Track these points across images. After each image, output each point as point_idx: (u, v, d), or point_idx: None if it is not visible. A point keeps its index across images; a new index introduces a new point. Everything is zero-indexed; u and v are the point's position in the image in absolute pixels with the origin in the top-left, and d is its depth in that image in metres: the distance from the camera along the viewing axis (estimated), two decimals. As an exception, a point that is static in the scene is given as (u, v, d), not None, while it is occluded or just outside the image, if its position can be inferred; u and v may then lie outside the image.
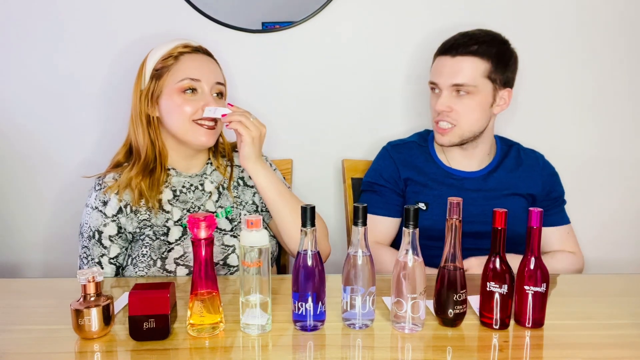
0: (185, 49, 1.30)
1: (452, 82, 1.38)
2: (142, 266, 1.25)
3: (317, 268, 0.94)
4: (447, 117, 1.41)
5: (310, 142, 1.78)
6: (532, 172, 1.51)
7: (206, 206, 1.34)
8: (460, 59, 1.38)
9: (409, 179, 1.50)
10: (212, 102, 1.28)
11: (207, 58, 1.34)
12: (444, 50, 1.42)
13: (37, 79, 1.69)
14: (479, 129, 1.43)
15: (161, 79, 1.29)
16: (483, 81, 1.39)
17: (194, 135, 1.28)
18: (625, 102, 1.78)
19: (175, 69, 1.28)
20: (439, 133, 1.44)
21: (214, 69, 1.33)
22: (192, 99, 1.27)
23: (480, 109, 1.41)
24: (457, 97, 1.40)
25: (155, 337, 0.93)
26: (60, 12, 1.66)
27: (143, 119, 1.31)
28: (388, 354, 0.91)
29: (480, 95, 1.39)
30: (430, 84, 1.45)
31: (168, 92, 1.28)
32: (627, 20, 1.73)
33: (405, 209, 0.93)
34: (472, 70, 1.37)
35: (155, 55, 1.31)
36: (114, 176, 1.31)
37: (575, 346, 0.93)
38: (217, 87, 1.31)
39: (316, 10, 1.68)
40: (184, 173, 1.35)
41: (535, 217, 0.95)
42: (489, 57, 1.38)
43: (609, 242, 1.84)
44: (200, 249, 0.93)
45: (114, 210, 1.27)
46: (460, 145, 1.46)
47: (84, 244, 1.29)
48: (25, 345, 0.92)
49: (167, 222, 1.29)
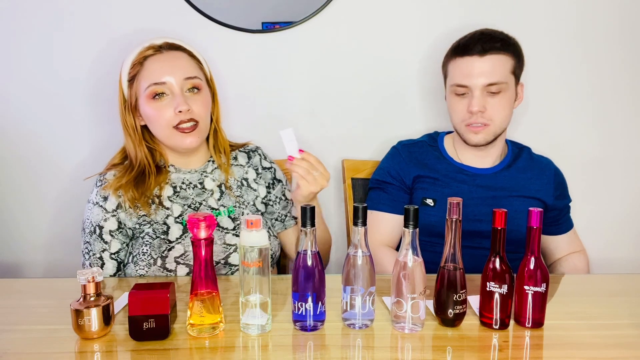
0: (149, 52, 1.27)
1: (487, 81, 1.36)
2: (143, 265, 1.25)
3: (316, 268, 0.94)
4: (481, 118, 1.38)
5: (310, 142, 1.78)
6: (543, 176, 1.51)
7: (208, 203, 1.34)
8: (490, 58, 1.36)
9: (419, 177, 1.50)
10: (183, 102, 1.24)
11: (173, 54, 1.29)
12: (466, 50, 1.39)
13: (36, 80, 1.69)
14: (507, 126, 1.44)
15: (133, 88, 1.28)
16: (511, 77, 1.40)
17: (177, 141, 1.28)
18: (626, 102, 1.78)
19: (142, 76, 1.27)
20: (473, 132, 1.41)
21: (182, 64, 1.28)
22: (163, 103, 1.25)
23: (510, 105, 1.41)
24: (490, 97, 1.38)
25: (155, 337, 0.93)
26: (61, 12, 1.65)
27: (129, 130, 1.30)
28: (388, 354, 0.91)
29: (509, 91, 1.40)
30: (458, 86, 1.40)
31: (141, 101, 1.28)
32: (628, 20, 1.73)
33: (405, 208, 0.93)
34: (502, 67, 1.37)
35: (127, 62, 1.30)
36: (114, 173, 1.31)
37: (575, 346, 0.93)
38: (188, 83, 1.27)
39: (316, 10, 1.68)
40: (183, 169, 1.35)
41: (535, 217, 0.95)
42: (511, 53, 1.39)
43: (609, 242, 1.84)
44: (200, 249, 0.93)
45: (114, 205, 1.27)
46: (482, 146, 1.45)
47: (86, 239, 1.30)
48: (26, 345, 0.92)
49: (167, 218, 1.28)
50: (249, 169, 1.43)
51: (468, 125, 1.41)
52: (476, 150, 1.48)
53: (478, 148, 1.46)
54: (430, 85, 1.73)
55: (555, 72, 1.75)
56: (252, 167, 1.44)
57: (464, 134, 1.44)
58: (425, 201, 1.47)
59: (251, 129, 1.70)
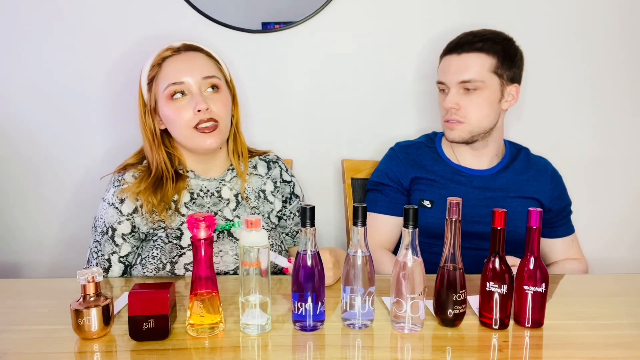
0: (167, 53, 1.27)
1: (459, 79, 1.40)
2: (151, 268, 1.24)
3: (316, 268, 0.94)
4: (455, 115, 1.42)
5: (310, 142, 1.78)
6: (541, 177, 1.52)
7: (223, 213, 1.33)
8: (466, 56, 1.40)
9: (416, 178, 1.50)
10: (201, 101, 1.23)
11: (191, 54, 1.29)
12: (449, 50, 1.44)
13: (40, 81, 1.69)
14: (489, 125, 1.44)
15: (152, 90, 1.28)
16: (490, 76, 1.40)
17: (197, 142, 1.26)
18: (626, 102, 1.78)
19: (160, 77, 1.26)
20: (449, 128, 1.44)
21: (200, 64, 1.28)
22: (182, 104, 1.24)
23: (488, 104, 1.42)
24: (465, 94, 1.41)
25: (155, 337, 0.93)
26: (66, 16, 1.65)
27: (149, 134, 1.29)
28: (388, 354, 0.91)
29: (488, 90, 1.41)
30: (438, 83, 1.47)
31: (161, 102, 1.27)
32: (628, 20, 1.73)
33: (405, 209, 0.93)
34: (478, 66, 1.39)
35: (146, 66, 1.30)
36: (133, 174, 1.29)
37: (575, 346, 0.93)
38: (207, 82, 1.26)
39: (316, 10, 1.68)
40: (202, 176, 1.34)
41: (534, 217, 0.95)
42: (494, 52, 1.40)
43: (609, 242, 1.84)
44: (200, 249, 0.93)
45: (130, 209, 1.26)
46: (471, 144, 1.46)
47: (96, 239, 1.28)
48: (26, 345, 0.92)
49: (181, 225, 1.27)
50: (268, 181, 1.42)
51: (446, 121, 1.44)
52: (471, 149, 1.48)
53: (471, 146, 1.47)
54: (429, 85, 1.72)
55: (555, 72, 1.76)
56: (271, 179, 1.43)
57: (444, 130, 1.48)
58: (423, 202, 1.47)
59: (251, 129, 1.70)
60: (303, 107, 1.76)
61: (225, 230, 1.30)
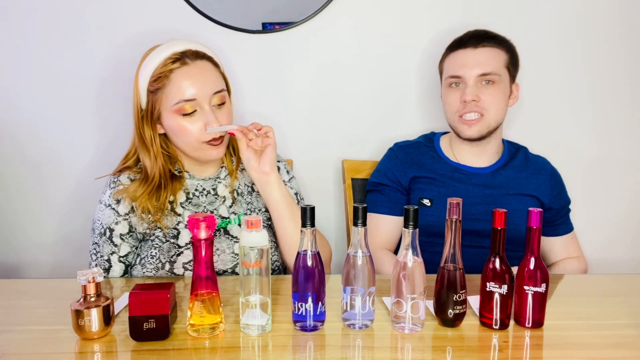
0: (175, 65, 1.22)
1: (480, 71, 1.39)
2: (151, 267, 1.24)
3: (316, 268, 0.95)
4: (475, 107, 1.41)
5: (311, 142, 1.78)
6: (540, 175, 1.52)
7: (219, 211, 1.33)
8: (483, 50, 1.41)
9: (416, 177, 1.50)
10: (213, 120, 1.22)
11: (200, 65, 1.24)
12: (460, 44, 1.44)
13: (41, 79, 1.69)
14: (502, 120, 1.45)
15: (157, 101, 1.24)
16: (504, 71, 1.42)
17: (203, 153, 1.27)
18: (625, 102, 1.78)
19: (169, 90, 1.22)
20: (466, 125, 1.42)
21: (210, 77, 1.25)
22: (192, 119, 1.23)
23: (503, 98, 1.43)
24: (484, 87, 1.41)
25: (156, 338, 0.93)
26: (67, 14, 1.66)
27: (146, 143, 1.27)
28: (388, 354, 0.91)
29: (503, 84, 1.42)
30: (452, 78, 1.44)
31: (166, 114, 1.24)
32: (628, 20, 1.73)
33: (405, 209, 0.93)
34: (496, 59, 1.41)
35: (147, 71, 1.24)
36: (128, 176, 1.29)
37: (575, 346, 0.93)
38: (216, 97, 1.24)
39: (316, 11, 1.68)
40: (197, 176, 1.34)
41: (534, 217, 0.95)
42: (506, 48, 1.43)
43: (608, 242, 1.84)
44: (200, 249, 0.93)
45: (126, 209, 1.26)
46: (478, 141, 1.45)
47: (95, 240, 1.28)
48: (26, 345, 0.92)
49: (177, 225, 1.28)
50: None
51: (461, 116, 1.43)
52: (472, 147, 1.48)
53: (473, 144, 1.47)
54: (430, 86, 1.73)
55: (554, 72, 1.75)
56: None
57: (458, 126, 1.45)
58: (422, 201, 1.47)
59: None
60: (303, 107, 1.76)
61: (222, 228, 1.30)
